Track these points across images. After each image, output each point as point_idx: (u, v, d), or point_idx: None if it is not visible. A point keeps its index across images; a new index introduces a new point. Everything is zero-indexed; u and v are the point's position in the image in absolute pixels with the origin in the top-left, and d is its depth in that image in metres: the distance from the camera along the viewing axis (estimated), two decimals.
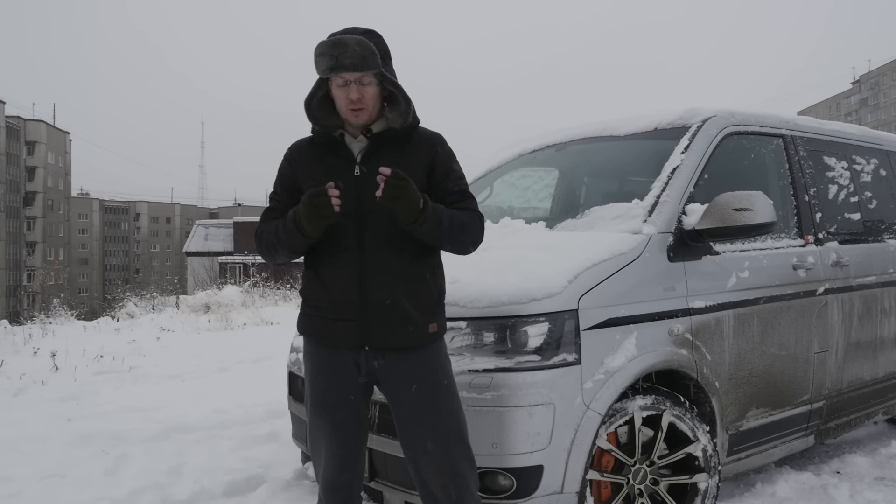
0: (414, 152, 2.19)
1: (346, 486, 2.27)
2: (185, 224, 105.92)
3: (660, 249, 2.91)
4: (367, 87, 2.12)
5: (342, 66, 2.06)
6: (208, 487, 3.47)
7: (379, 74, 2.12)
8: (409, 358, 2.17)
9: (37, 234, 72.74)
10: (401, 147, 2.19)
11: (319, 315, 2.22)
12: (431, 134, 2.27)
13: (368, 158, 2.17)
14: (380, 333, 2.14)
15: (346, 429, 2.23)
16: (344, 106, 2.14)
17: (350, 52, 2.06)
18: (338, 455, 2.24)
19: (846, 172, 4.00)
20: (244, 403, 5.11)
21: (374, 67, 2.09)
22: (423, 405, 2.17)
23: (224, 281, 24.22)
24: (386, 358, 2.17)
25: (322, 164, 2.19)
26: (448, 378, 2.23)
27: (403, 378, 2.17)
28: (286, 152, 2.30)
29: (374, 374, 2.20)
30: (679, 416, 2.80)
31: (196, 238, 50.70)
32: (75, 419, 4.85)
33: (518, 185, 4.29)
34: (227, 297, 14.49)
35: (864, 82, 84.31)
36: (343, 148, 2.20)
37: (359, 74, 2.09)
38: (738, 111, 3.49)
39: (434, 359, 2.21)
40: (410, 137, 2.21)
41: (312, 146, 2.25)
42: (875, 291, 3.88)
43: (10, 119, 65.93)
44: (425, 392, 2.17)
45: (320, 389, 2.24)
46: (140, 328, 10.71)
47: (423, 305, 2.18)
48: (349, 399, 2.21)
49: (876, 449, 4.14)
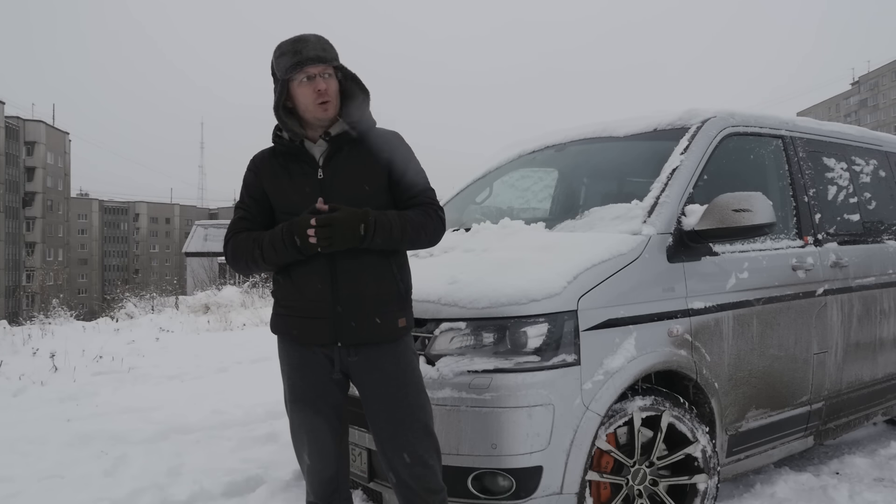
0: (372, 151, 2.26)
1: (332, 480, 2.35)
2: (184, 224, 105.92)
3: (659, 250, 2.91)
4: (330, 80, 2.20)
5: (308, 59, 2.14)
6: (207, 488, 3.47)
7: (338, 68, 2.22)
8: (380, 353, 2.25)
9: (36, 235, 72.70)
10: (359, 148, 2.26)
11: (293, 314, 2.28)
12: (388, 133, 2.34)
13: (330, 160, 2.25)
14: (351, 329, 2.22)
15: (325, 423, 2.30)
16: (311, 102, 2.19)
17: (311, 46, 2.16)
18: (321, 450, 2.32)
19: (845, 173, 4.00)
20: (243, 404, 5.11)
21: (334, 60, 2.20)
22: (392, 399, 2.25)
23: (223, 281, 24.26)
24: (359, 353, 2.24)
25: (286, 171, 2.26)
26: (416, 373, 2.33)
27: (374, 373, 2.25)
28: (249, 164, 2.36)
29: (347, 368, 2.27)
30: (678, 416, 2.80)
31: (195, 238, 50.66)
32: (74, 420, 4.85)
33: (518, 185, 4.29)
34: (227, 297, 14.50)
35: (864, 83, 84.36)
36: (304, 154, 2.26)
37: (322, 67, 2.17)
38: (738, 112, 3.49)
39: (404, 354, 2.29)
40: (368, 138, 2.28)
41: (274, 156, 2.31)
42: (874, 292, 3.88)
43: (10, 119, 65.87)
44: (395, 386, 2.26)
45: (298, 386, 2.31)
46: (139, 329, 10.71)
47: (392, 300, 2.26)
48: (326, 394, 2.29)
49: (875, 450, 4.14)
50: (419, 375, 2.34)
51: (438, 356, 2.62)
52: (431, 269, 2.96)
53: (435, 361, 2.61)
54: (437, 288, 2.72)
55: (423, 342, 2.69)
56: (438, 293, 2.69)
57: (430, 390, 2.55)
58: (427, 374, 2.58)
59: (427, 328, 2.68)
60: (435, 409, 2.50)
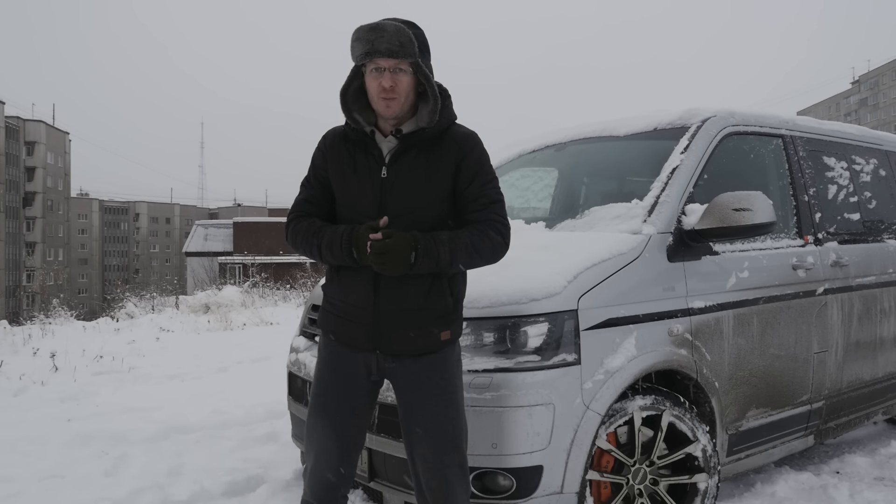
0: (442, 156, 2.15)
1: (335, 486, 2.25)
2: (184, 224, 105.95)
3: (659, 249, 2.91)
4: (401, 75, 2.07)
5: (377, 52, 2.02)
6: (208, 488, 3.47)
7: (415, 64, 2.07)
8: (419, 363, 2.18)
9: (36, 235, 72.71)
10: (430, 149, 2.15)
11: (336, 313, 2.24)
12: (465, 134, 2.20)
13: (397, 160, 2.14)
14: (391, 339, 2.15)
15: (344, 425, 2.23)
16: (376, 94, 2.09)
17: (387, 38, 2.01)
18: (328, 451, 2.23)
19: (846, 172, 4.00)
20: (244, 404, 5.11)
21: (410, 56, 2.04)
22: (424, 410, 2.18)
23: (224, 281, 24.25)
24: (397, 361, 2.18)
25: (352, 161, 2.18)
26: (452, 385, 2.21)
27: (410, 382, 2.19)
28: (320, 142, 2.28)
29: (384, 374, 2.22)
30: (679, 416, 2.80)
31: (196, 238, 50.73)
32: (75, 419, 4.85)
33: (518, 185, 4.28)
34: (227, 297, 14.48)
35: (864, 82, 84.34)
36: (373, 146, 2.17)
37: (394, 62, 2.04)
38: (738, 111, 3.49)
39: (441, 365, 2.19)
40: (442, 138, 2.16)
41: (344, 140, 2.22)
42: (874, 291, 3.88)
43: (10, 119, 65.88)
44: (428, 397, 2.18)
45: (327, 382, 2.26)
46: (140, 328, 10.70)
47: (438, 314, 2.16)
48: (351, 396, 2.23)
49: (875, 449, 4.14)
50: (457, 387, 2.23)
51: None
52: None
53: None
54: None
55: None
56: None
57: None
58: None
59: None
60: None
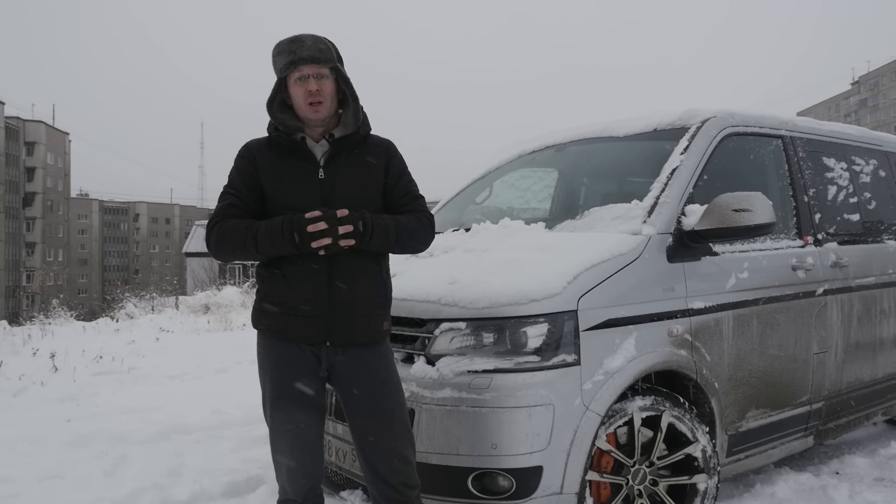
0: (372, 158, 2.33)
1: (311, 475, 2.37)
2: (184, 225, 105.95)
3: (659, 250, 2.91)
4: (324, 81, 2.23)
5: (301, 60, 2.20)
6: (208, 488, 3.47)
7: (334, 69, 2.25)
8: (366, 353, 2.30)
9: (36, 235, 72.72)
10: (358, 153, 2.32)
11: (282, 311, 2.27)
12: (384, 141, 2.42)
13: (331, 162, 2.28)
14: (342, 329, 2.25)
15: (310, 420, 2.32)
16: (303, 101, 2.23)
17: (307, 47, 2.21)
18: (304, 447, 2.33)
19: (845, 173, 4.00)
20: (243, 404, 5.10)
21: (329, 61, 2.23)
22: (376, 398, 2.29)
23: (223, 282, 24.26)
24: (346, 353, 2.27)
25: (284, 165, 2.28)
26: (396, 373, 2.39)
27: (360, 372, 2.30)
28: (243, 151, 2.35)
29: (333, 367, 2.29)
30: (678, 416, 2.80)
31: (195, 239, 50.65)
32: (75, 420, 4.85)
33: (517, 185, 4.29)
34: (227, 297, 14.50)
35: (864, 83, 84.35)
36: (305, 151, 2.28)
37: (316, 67, 2.21)
38: (738, 112, 3.49)
39: (386, 355, 2.36)
40: (366, 143, 2.35)
41: (271, 147, 2.32)
42: (874, 292, 3.88)
43: (10, 120, 65.89)
44: (379, 385, 2.30)
45: (283, 383, 2.31)
46: (139, 329, 10.72)
47: (381, 303, 2.33)
48: (310, 391, 2.30)
49: (875, 450, 4.14)
50: (398, 375, 2.40)
51: (438, 356, 2.62)
52: (431, 269, 2.97)
53: (435, 361, 2.62)
54: (437, 288, 2.72)
55: (423, 342, 2.69)
56: (439, 293, 2.69)
57: (430, 390, 2.56)
58: (427, 374, 2.59)
59: (427, 328, 2.68)
60: (435, 409, 2.50)
